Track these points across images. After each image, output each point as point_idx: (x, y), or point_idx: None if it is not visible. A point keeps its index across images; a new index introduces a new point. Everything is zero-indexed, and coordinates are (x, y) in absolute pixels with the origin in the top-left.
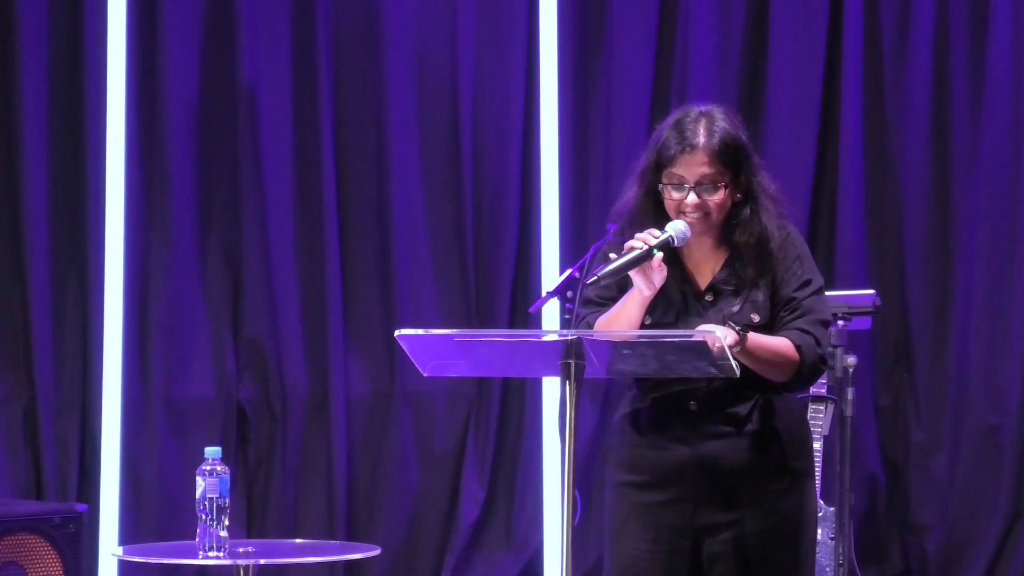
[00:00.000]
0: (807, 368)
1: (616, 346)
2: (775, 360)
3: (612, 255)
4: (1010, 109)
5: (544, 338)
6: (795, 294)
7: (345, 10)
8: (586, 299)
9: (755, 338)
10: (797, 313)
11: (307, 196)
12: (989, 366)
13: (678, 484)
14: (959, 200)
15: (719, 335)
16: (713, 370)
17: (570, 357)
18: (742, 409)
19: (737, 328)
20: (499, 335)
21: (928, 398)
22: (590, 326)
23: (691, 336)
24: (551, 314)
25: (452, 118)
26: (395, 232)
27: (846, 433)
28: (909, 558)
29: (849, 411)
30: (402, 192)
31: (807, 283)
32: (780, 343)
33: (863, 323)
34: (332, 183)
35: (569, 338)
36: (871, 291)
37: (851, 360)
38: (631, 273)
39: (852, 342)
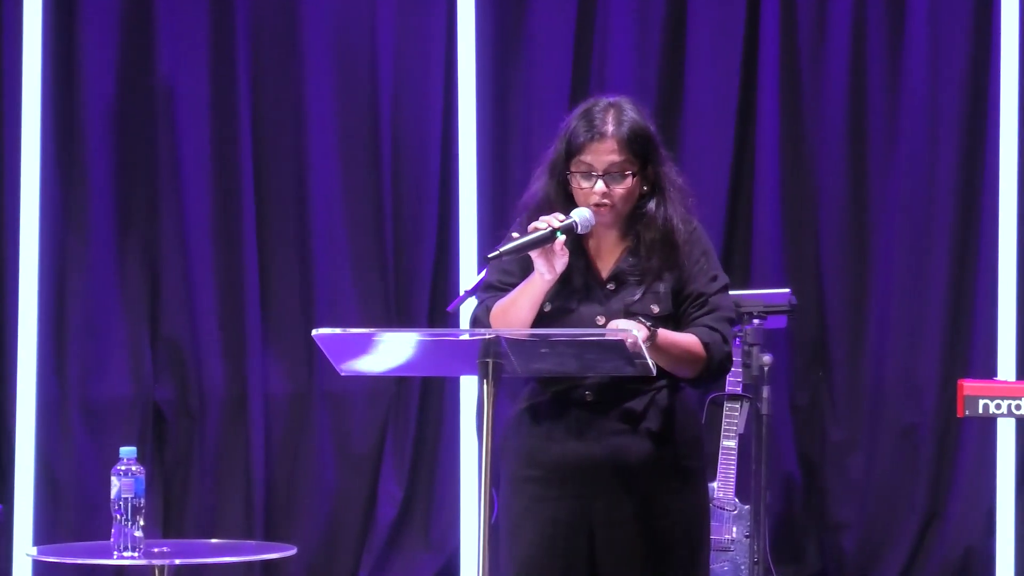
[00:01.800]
0: (714, 365)
1: (534, 344)
2: (683, 356)
3: (515, 234)
4: (926, 108)
5: (462, 337)
6: (703, 289)
7: (264, 7)
8: (487, 283)
9: (665, 335)
10: (705, 309)
11: (225, 195)
12: (906, 365)
13: (573, 480)
14: (875, 199)
15: (631, 331)
16: (630, 369)
17: (488, 356)
18: (637, 405)
19: (648, 324)
20: (418, 334)
21: (845, 397)
22: (489, 310)
23: (613, 335)
24: (469, 313)
25: (371, 116)
26: (314, 231)
27: (762, 431)
28: (825, 557)
29: (765, 409)
30: (321, 191)
31: (714, 279)
32: (689, 340)
33: (779, 321)
34: (250, 182)
35: (487, 337)
36: (787, 290)
37: (767, 358)
38: (533, 256)
39: (768, 340)
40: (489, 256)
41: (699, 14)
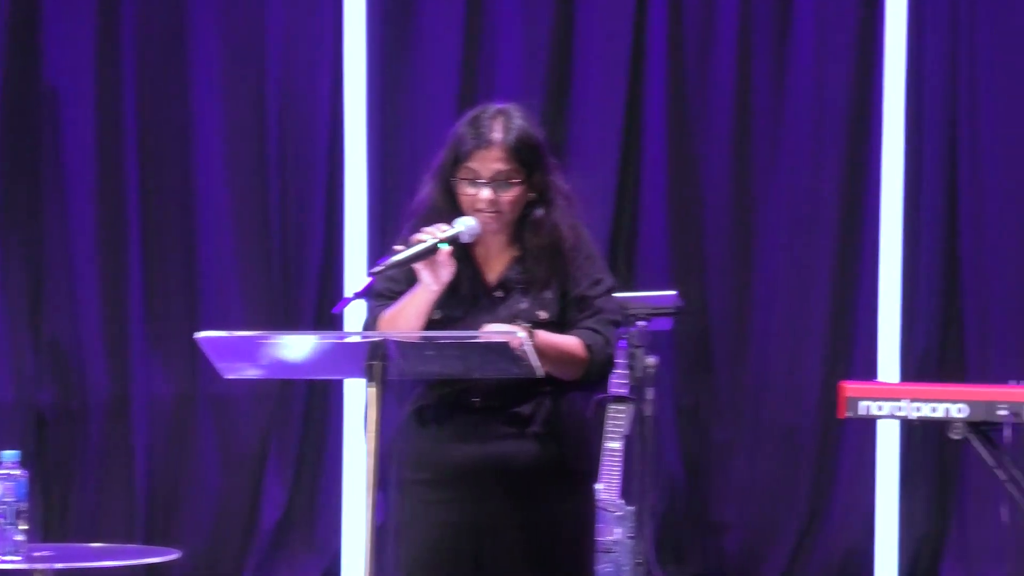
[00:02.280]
0: (596, 367)
1: (421, 347)
2: (564, 358)
3: (399, 247)
4: (811, 111)
5: (349, 339)
6: (587, 293)
7: (151, 7)
8: (376, 292)
9: (543, 336)
10: (588, 312)
11: (110, 196)
12: (789, 366)
13: (461, 483)
14: (760, 201)
15: (501, 331)
16: (516, 371)
17: (375, 359)
18: (525, 409)
19: (526, 325)
20: (303, 336)
21: (728, 398)
22: (377, 319)
23: (500, 337)
24: (356, 316)
25: (258, 117)
26: (199, 233)
27: (646, 433)
28: (708, 558)
29: (649, 411)
30: (207, 192)
31: (598, 282)
32: (570, 341)
33: (664, 324)
34: (135, 183)
35: (374, 340)
36: (673, 292)
37: (652, 360)
38: (418, 267)
39: (653, 342)
40: (372, 271)
41: (587, 17)
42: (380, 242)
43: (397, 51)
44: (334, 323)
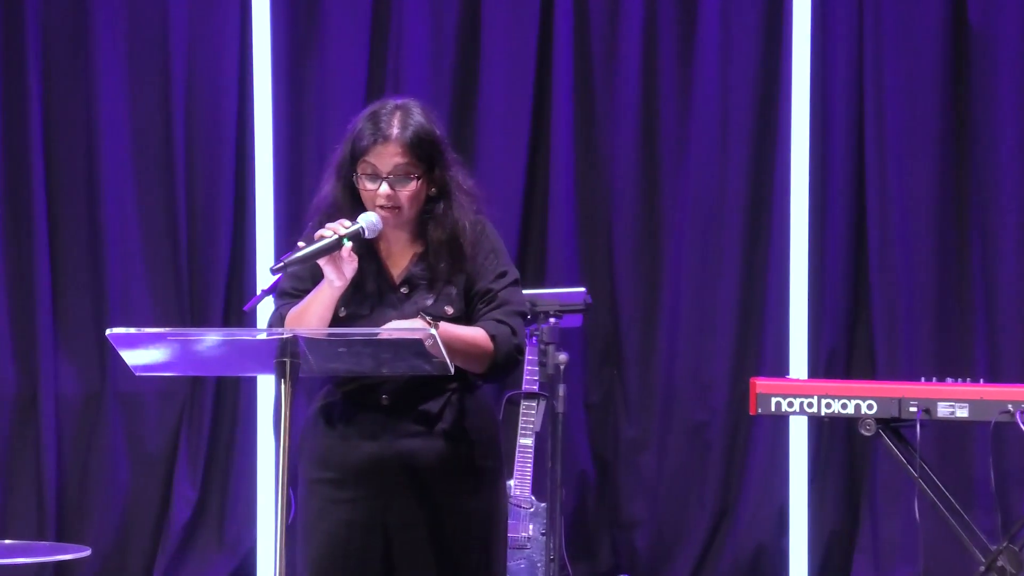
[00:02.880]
0: (502, 357)
1: (332, 344)
2: (469, 350)
3: (301, 243)
4: (717, 110)
5: (259, 336)
6: (491, 285)
7: (54, 6)
8: (281, 291)
9: (447, 328)
10: (493, 304)
11: (15, 193)
12: (697, 363)
13: (368, 481)
14: (667, 199)
15: (406, 327)
16: (428, 368)
17: (285, 355)
18: (433, 407)
19: (427, 319)
20: (213, 333)
21: (637, 395)
22: (283, 317)
23: (396, 334)
24: (266, 313)
25: (164, 115)
26: (106, 229)
27: (557, 430)
28: (619, 554)
29: (561, 407)
30: (113, 188)
31: (503, 275)
32: (474, 333)
33: (574, 320)
34: (41, 179)
35: (284, 336)
36: (582, 289)
37: (563, 357)
38: (322, 264)
39: (564, 339)
40: (274, 267)
41: (493, 16)
42: (288, 240)
43: (303, 50)
44: (244, 320)
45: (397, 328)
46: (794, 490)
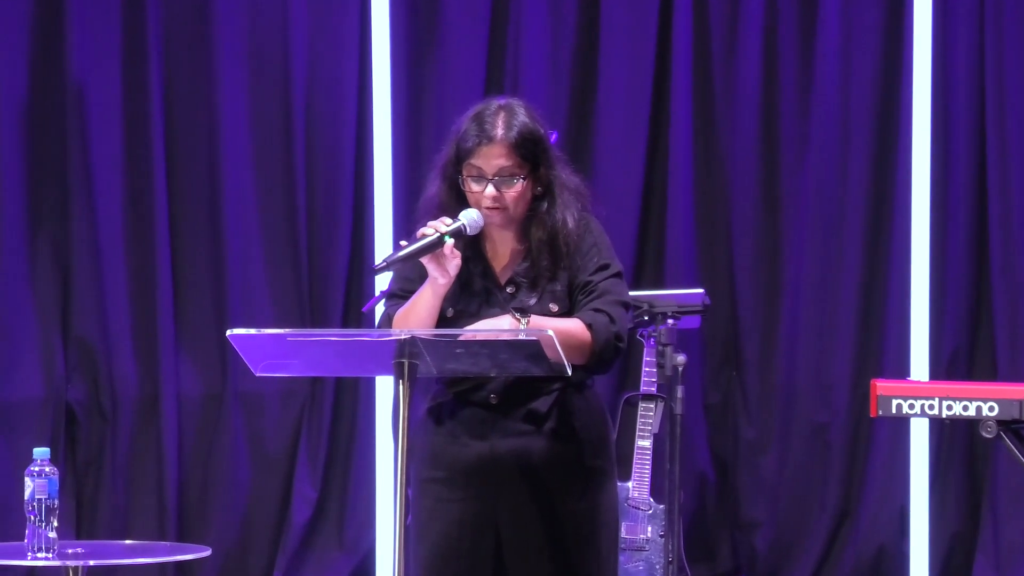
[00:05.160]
0: (600, 346)
1: (449, 345)
2: (566, 341)
3: (403, 243)
4: (838, 108)
5: (377, 337)
6: (591, 278)
7: (176, 7)
8: (391, 292)
9: (539, 321)
10: (593, 295)
11: (137, 194)
12: (818, 364)
13: (477, 480)
14: (787, 199)
15: (503, 325)
16: (545, 369)
17: (403, 356)
18: (541, 406)
19: (516, 315)
20: (332, 335)
21: (757, 396)
22: (391, 319)
23: (529, 335)
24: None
25: (285, 116)
26: (227, 231)
27: (676, 431)
28: (738, 556)
29: (679, 409)
30: (234, 191)
31: (604, 267)
32: (569, 323)
33: (692, 322)
34: (163, 181)
35: (402, 337)
36: (700, 290)
37: (681, 358)
38: (425, 262)
39: (682, 341)
40: (376, 267)
41: (612, 15)
42: (408, 240)
43: (422, 50)
44: (363, 321)
45: (480, 328)
46: (915, 492)
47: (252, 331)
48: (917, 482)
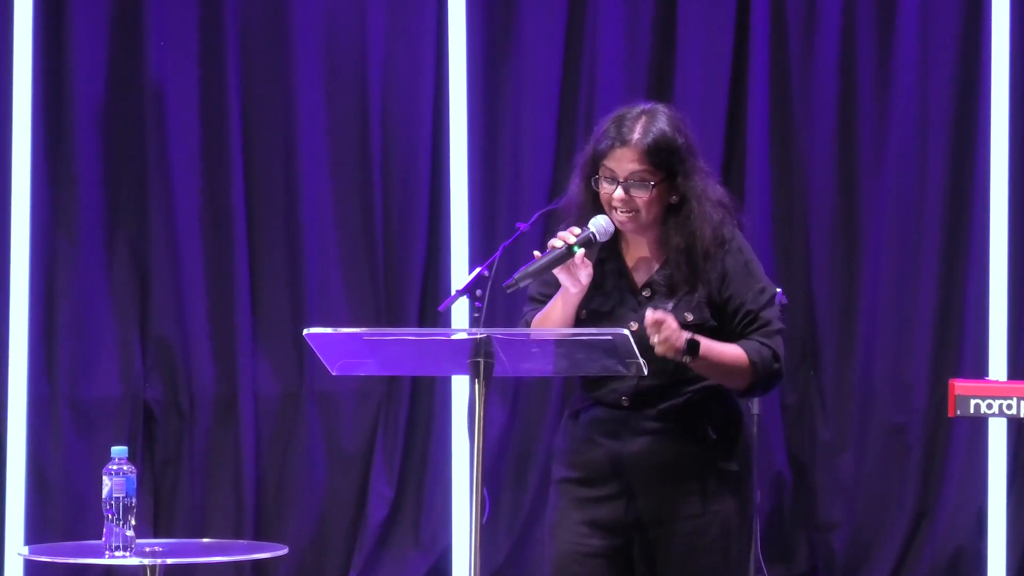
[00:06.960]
0: (760, 382)
1: (525, 344)
2: (728, 371)
3: (537, 253)
4: (916, 108)
5: (453, 337)
6: (751, 306)
7: (253, 8)
8: (530, 296)
9: (709, 347)
10: (756, 325)
11: (215, 194)
12: (895, 364)
13: (610, 480)
14: (865, 199)
15: (671, 324)
16: (621, 368)
17: (479, 355)
18: (673, 407)
19: (689, 335)
20: (408, 334)
21: (834, 396)
22: (528, 323)
23: (603, 334)
24: (460, 313)
25: (361, 116)
26: (304, 230)
27: (752, 431)
28: (816, 556)
29: (755, 409)
30: (311, 190)
31: (762, 291)
32: (735, 354)
33: None
34: (240, 181)
35: (478, 336)
36: (778, 289)
37: None
38: (556, 272)
39: None
40: (507, 284)
41: (689, 16)
42: (482, 242)
43: (498, 54)
44: (438, 321)
45: (654, 317)
46: (993, 493)
47: (329, 330)
48: (995, 483)
